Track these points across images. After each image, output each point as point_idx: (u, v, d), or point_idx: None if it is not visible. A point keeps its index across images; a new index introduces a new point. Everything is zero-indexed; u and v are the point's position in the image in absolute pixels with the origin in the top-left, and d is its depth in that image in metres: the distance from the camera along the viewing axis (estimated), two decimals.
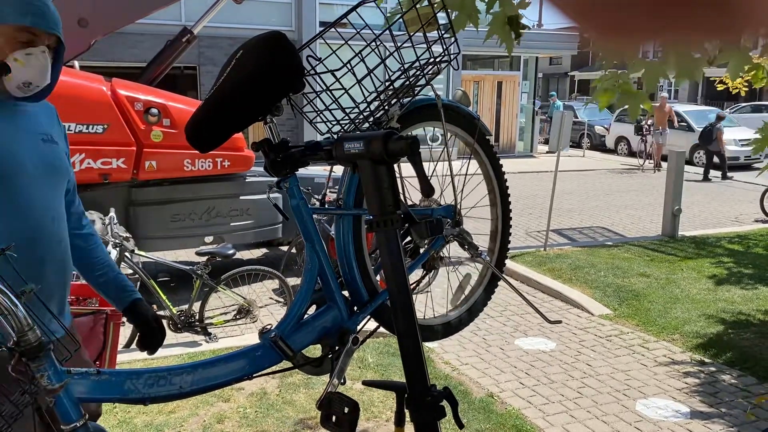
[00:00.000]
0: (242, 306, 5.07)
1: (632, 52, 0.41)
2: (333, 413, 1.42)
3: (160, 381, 1.34)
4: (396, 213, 1.36)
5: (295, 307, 1.50)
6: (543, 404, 3.94)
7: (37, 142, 1.61)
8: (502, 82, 17.96)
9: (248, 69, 1.37)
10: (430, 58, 1.62)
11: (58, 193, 1.67)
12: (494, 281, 2.07)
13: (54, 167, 1.64)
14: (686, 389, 4.15)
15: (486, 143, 2.02)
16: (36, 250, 1.57)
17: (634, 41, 0.38)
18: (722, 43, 0.41)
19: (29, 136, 1.60)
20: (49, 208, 1.61)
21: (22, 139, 1.57)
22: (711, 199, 11.65)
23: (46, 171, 1.61)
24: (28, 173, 1.56)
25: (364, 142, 1.33)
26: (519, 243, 7.90)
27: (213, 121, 1.40)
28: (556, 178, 7.68)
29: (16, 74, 1.51)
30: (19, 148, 1.56)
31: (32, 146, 1.59)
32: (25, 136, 1.59)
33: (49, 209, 1.61)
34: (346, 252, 1.61)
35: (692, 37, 0.37)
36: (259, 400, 3.80)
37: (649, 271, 6.71)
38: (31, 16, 1.46)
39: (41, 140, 1.62)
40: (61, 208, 1.67)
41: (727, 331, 5.11)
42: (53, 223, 1.61)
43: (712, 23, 0.35)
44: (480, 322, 5.19)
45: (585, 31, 0.38)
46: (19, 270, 1.46)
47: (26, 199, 1.55)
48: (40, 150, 1.61)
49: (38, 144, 1.61)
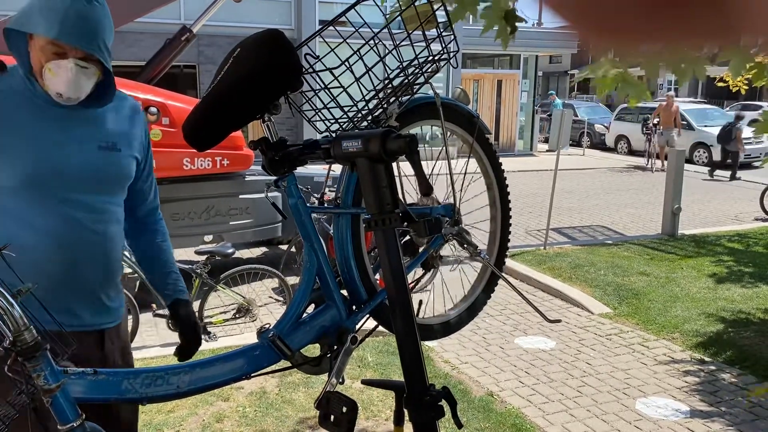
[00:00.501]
0: (242, 305, 5.07)
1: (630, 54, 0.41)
2: (331, 413, 1.41)
3: (157, 381, 1.33)
4: (394, 212, 1.36)
5: (294, 306, 1.49)
6: (543, 403, 3.94)
7: (91, 150, 1.64)
8: (502, 81, 17.95)
9: (246, 67, 1.37)
10: (429, 56, 1.61)
11: (107, 197, 1.69)
12: (494, 280, 2.07)
13: (104, 174, 1.67)
14: (686, 388, 4.14)
15: (485, 142, 2.01)
16: (69, 252, 1.61)
17: (631, 43, 0.38)
18: (720, 45, 0.41)
19: (80, 143, 1.63)
20: (91, 211, 1.64)
21: (70, 146, 1.61)
22: (711, 197, 11.65)
23: (93, 177, 1.64)
24: (67, 179, 1.59)
25: (362, 140, 1.32)
26: (519, 241, 7.89)
27: (210, 119, 1.39)
28: (556, 176, 7.68)
29: (48, 84, 1.56)
30: (62, 154, 1.59)
31: (81, 153, 1.62)
32: (75, 142, 1.62)
33: (91, 213, 1.64)
34: (345, 251, 1.60)
35: (690, 39, 0.36)
36: (258, 399, 3.80)
37: (649, 269, 6.70)
38: (59, 30, 1.48)
39: (97, 147, 1.65)
40: (108, 213, 1.69)
41: (727, 330, 5.10)
42: (93, 225, 1.64)
43: (710, 25, 0.34)
44: (480, 320, 5.19)
45: (582, 33, 0.37)
46: (53, 270, 1.59)
47: (62, 204, 1.59)
48: (92, 157, 1.64)
49: (91, 151, 1.64)
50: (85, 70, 1.55)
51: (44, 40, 1.52)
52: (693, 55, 2.49)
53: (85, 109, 1.64)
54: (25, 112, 1.59)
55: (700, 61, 2.64)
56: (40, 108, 1.60)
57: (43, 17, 1.49)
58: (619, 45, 0.38)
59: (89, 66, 1.56)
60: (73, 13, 1.49)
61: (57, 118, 1.61)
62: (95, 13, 1.53)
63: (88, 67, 1.56)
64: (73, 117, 1.63)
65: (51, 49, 1.52)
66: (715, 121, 17.11)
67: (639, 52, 0.38)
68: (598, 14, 0.36)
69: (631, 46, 0.38)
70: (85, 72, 1.55)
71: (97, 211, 1.66)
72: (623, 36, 0.37)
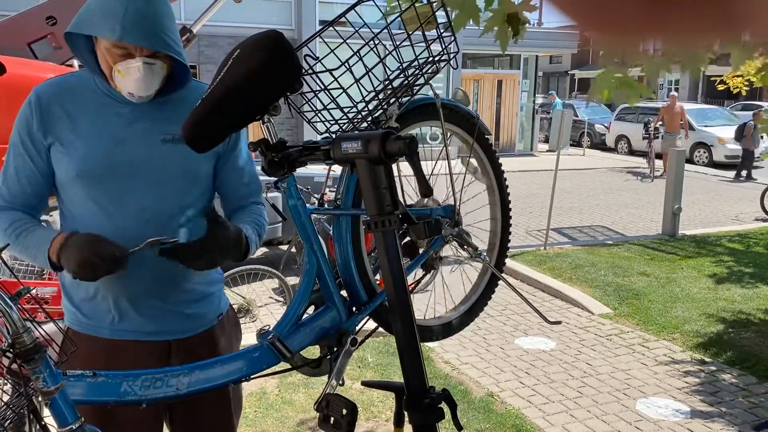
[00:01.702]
0: (242, 305, 5.07)
1: (633, 50, 0.40)
2: (331, 415, 1.41)
3: (156, 383, 1.33)
4: (394, 213, 1.36)
5: (294, 307, 1.49)
6: (543, 404, 3.93)
7: (154, 144, 1.59)
8: (502, 81, 17.95)
9: (245, 68, 1.36)
10: (429, 57, 1.61)
11: (170, 194, 1.60)
12: (494, 281, 2.06)
13: (167, 169, 1.60)
14: (686, 388, 4.14)
15: (485, 142, 2.01)
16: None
17: (634, 39, 0.37)
18: (723, 41, 0.41)
19: (144, 136, 1.58)
20: (146, 209, 1.57)
21: (131, 140, 1.57)
22: (711, 197, 11.64)
23: (153, 172, 1.58)
24: (120, 174, 1.55)
25: (362, 142, 1.32)
26: (519, 242, 7.89)
27: (210, 121, 1.39)
28: (556, 176, 7.67)
29: (119, 84, 1.54)
30: (119, 148, 1.56)
31: (142, 147, 1.58)
32: (138, 136, 1.58)
33: (146, 211, 1.57)
34: (345, 252, 1.60)
35: (693, 34, 0.36)
36: (258, 400, 3.79)
37: (649, 270, 6.70)
38: (121, 32, 1.45)
39: (160, 141, 1.59)
40: (169, 210, 1.60)
41: (728, 330, 5.10)
42: (147, 225, 1.56)
43: (713, 20, 0.34)
44: (480, 321, 5.18)
45: (584, 29, 0.37)
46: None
47: (112, 200, 1.56)
48: (155, 152, 1.58)
49: (154, 145, 1.59)
50: (152, 66, 1.52)
51: (109, 43, 1.50)
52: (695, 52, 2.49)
53: (149, 102, 1.59)
54: (92, 110, 1.57)
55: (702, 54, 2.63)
56: (105, 105, 1.58)
57: (104, 19, 1.47)
58: (622, 41, 0.38)
59: (155, 62, 1.53)
60: (132, 12, 1.46)
61: (122, 114, 1.58)
62: (155, 7, 1.50)
63: (155, 62, 1.53)
64: (140, 108, 1.60)
65: (117, 51, 1.50)
66: (716, 121, 17.10)
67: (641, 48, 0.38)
68: (601, 10, 0.36)
69: (635, 42, 0.38)
70: (152, 68, 1.53)
71: (154, 210, 1.58)
72: (626, 32, 0.36)
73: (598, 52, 2.98)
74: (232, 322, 1.86)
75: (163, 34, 1.51)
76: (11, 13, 3.78)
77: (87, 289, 1.60)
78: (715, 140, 16.19)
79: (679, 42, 0.37)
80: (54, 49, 3.64)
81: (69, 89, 1.60)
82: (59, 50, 3.60)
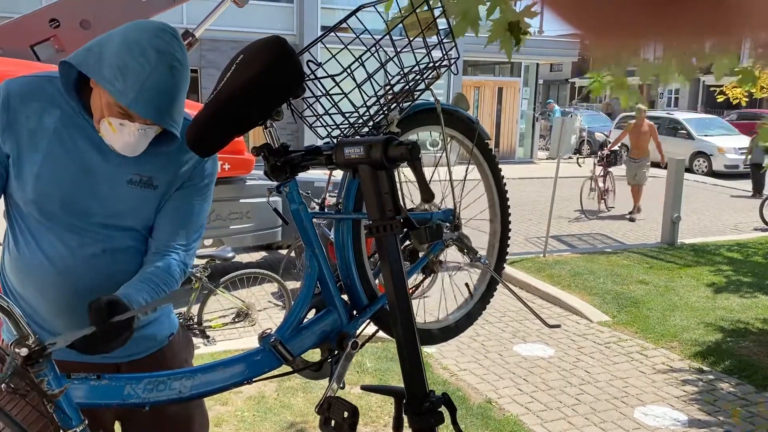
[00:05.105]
0: (241, 309, 5.07)
1: (630, 54, 0.41)
2: (332, 418, 1.41)
3: (159, 386, 1.33)
4: (396, 218, 1.37)
5: (295, 311, 1.50)
6: (541, 410, 3.93)
7: (119, 183, 1.52)
8: (503, 88, 17.99)
9: (248, 74, 1.37)
10: (430, 62, 1.62)
11: (117, 232, 1.54)
12: (493, 286, 2.07)
13: (119, 209, 1.53)
14: (684, 397, 4.14)
15: (485, 147, 2.02)
16: (65, 283, 1.50)
17: (632, 43, 0.38)
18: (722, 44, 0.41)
19: (112, 170, 1.51)
20: (90, 245, 1.51)
21: (99, 173, 1.50)
22: (710, 207, 11.66)
23: (107, 212, 1.52)
24: (77, 209, 1.49)
25: (364, 147, 1.33)
26: (518, 249, 7.90)
27: (213, 126, 1.40)
28: (556, 184, 7.69)
29: (105, 135, 1.45)
30: (86, 180, 1.48)
31: (107, 184, 1.51)
32: (106, 169, 1.50)
33: (89, 247, 1.51)
34: (346, 256, 1.61)
35: (691, 38, 0.36)
36: (257, 404, 3.79)
37: (648, 278, 6.70)
38: (133, 100, 1.37)
39: (126, 181, 1.52)
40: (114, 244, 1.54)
41: (726, 339, 5.10)
42: (93, 259, 1.51)
43: (712, 24, 0.35)
44: (479, 327, 5.19)
45: (582, 33, 0.38)
46: (54, 299, 1.50)
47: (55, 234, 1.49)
48: (116, 191, 1.52)
49: (118, 185, 1.52)
50: (147, 131, 1.45)
51: (113, 99, 1.40)
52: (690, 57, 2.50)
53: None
54: (62, 127, 1.48)
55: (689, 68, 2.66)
56: (78, 126, 1.49)
57: (119, 76, 1.36)
58: (620, 45, 0.39)
59: (153, 126, 1.46)
60: (151, 85, 1.37)
61: (94, 140, 1.49)
62: (173, 82, 1.42)
63: (152, 127, 1.46)
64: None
65: (118, 109, 1.41)
66: (715, 130, 17.13)
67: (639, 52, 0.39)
68: (598, 14, 0.37)
69: (632, 45, 0.38)
70: (146, 132, 1.46)
71: (97, 245, 1.52)
72: (624, 36, 0.37)
73: (595, 58, 3.00)
74: (183, 341, 1.82)
75: (173, 110, 1.44)
76: (13, 15, 3.79)
77: (34, 312, 1.54)
78: (715, 150, 16.21)
79: (678, 47, 0.38)
80: (57, 52, 3.66)
81: (42, 96, 1.48)
82: (62, 53, 3.62)
